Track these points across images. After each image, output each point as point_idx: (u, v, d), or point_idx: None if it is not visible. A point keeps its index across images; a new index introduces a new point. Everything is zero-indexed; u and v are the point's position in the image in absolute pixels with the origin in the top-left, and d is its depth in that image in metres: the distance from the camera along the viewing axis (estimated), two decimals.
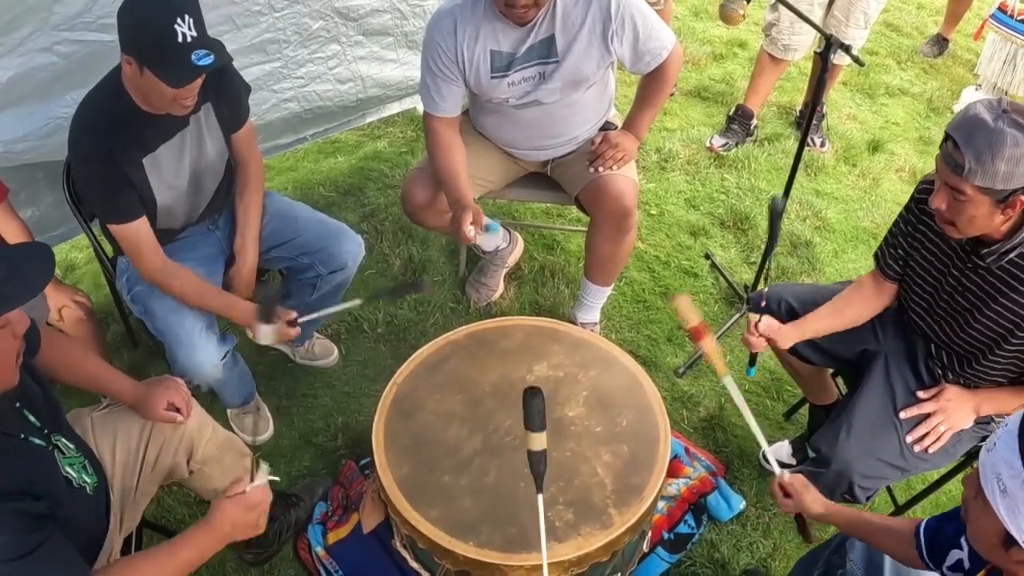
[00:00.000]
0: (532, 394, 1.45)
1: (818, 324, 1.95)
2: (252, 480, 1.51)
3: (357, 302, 2.06)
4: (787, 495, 1.70)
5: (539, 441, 1.44)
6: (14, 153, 2.11)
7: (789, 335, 1.95)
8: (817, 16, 3.27)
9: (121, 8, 1.71)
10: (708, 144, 3.72)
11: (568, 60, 2.21)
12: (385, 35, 2.85)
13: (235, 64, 2.32)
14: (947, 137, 1.52)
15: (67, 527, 1.38)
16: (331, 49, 2.75)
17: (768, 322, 1.94)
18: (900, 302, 2.00)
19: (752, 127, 3.78)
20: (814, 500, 1.66)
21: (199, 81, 1.80)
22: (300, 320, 2.06)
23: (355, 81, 2.90)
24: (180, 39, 1.67)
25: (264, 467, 1.54)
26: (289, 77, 2.69)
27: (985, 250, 1.63)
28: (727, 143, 3.70)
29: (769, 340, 1.95)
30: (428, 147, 2.37)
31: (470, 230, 2.15)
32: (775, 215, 1.85)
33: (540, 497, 1.45)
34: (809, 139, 3.52)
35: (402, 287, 2.15)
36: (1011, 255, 1.61)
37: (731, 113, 3.77)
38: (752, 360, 2.09)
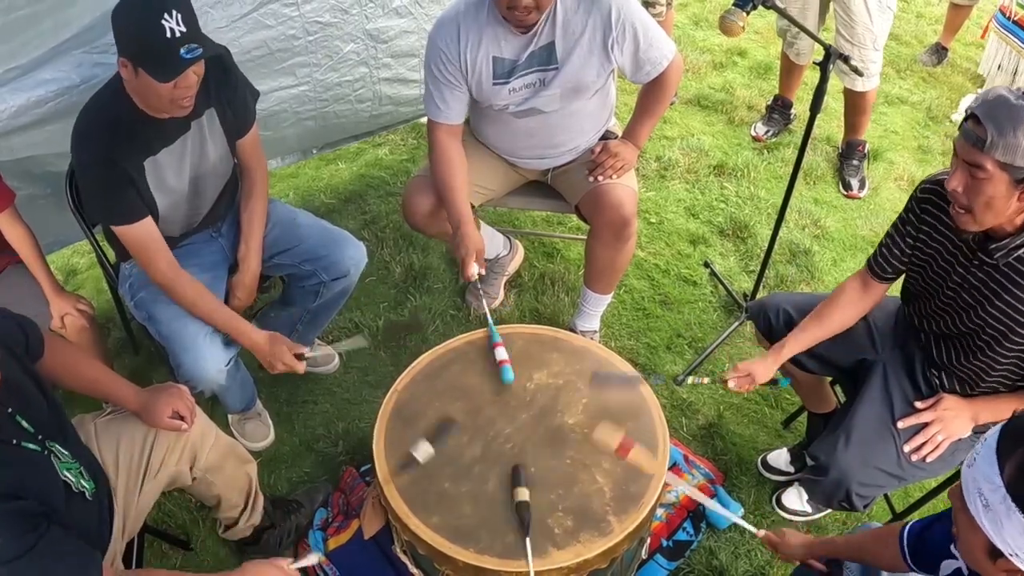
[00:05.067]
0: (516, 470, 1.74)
1: (801, 341, 1.97)
2: (296, 559, 1.61)
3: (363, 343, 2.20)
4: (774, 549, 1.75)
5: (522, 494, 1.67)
6: (21, 159, 2.12)
7: (765, 370, 1.97)
8: (811, 21, 3.28)
9: (112, 11, 1.74)
10: (753, 133, 3.88)
11: (568, 67, 2.23)
12: (411, 56, 2.87)
13: (264, 88, 2.34)
14: (968, 116, 1.53)
15: (67, 531, 1.39)
16: (359, 72, 2.76)
17: (744, 367, 1.96)
18: (901, 305, 2.01)
19: (791, 115, 3.90)
20: (794, 547, 1.72)
21: (194, 78, 1.81)
22: (307, 355, 2.12)
23: (373, 100, 2.91)
24: (168, 35, 1.69)
25: (315, 556, 1.67)
26: (315, 100, 2.70)
27: (993, 245, 1.63)
28: (769, 131, 3.86)
29: (750, 381, 1.97)
30: (431, 159, 2.39)
31: (474, 271, 2.21)
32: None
33: (528, 540, 1.60)
34: (846, 180, 3.57)
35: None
36: (1020, 251, 1.61)
37: (770, 103, 3.90)
38: (771, 382, 2.07)
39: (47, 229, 2.32)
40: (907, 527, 1.48)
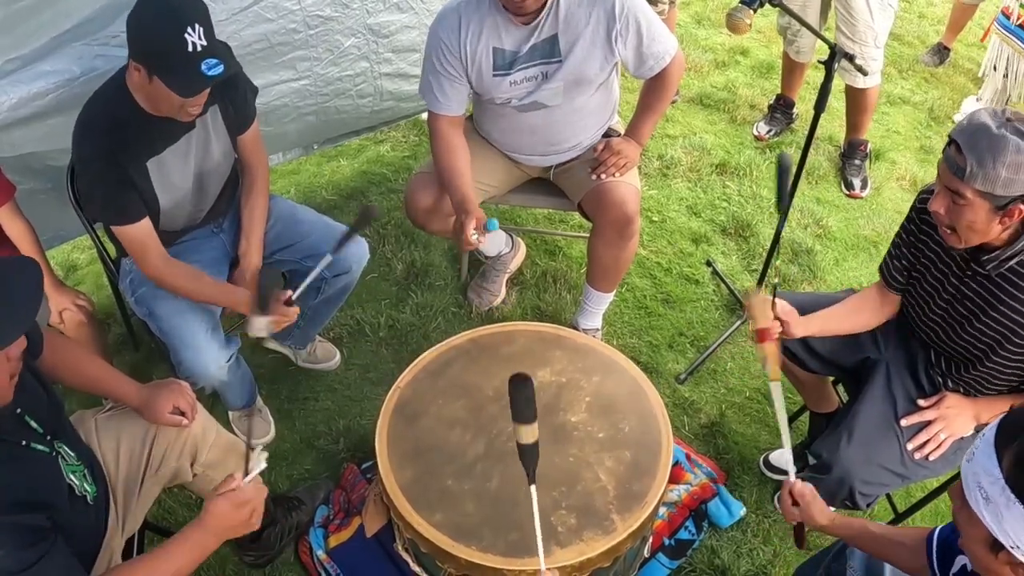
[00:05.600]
0: (520, 383, 1.28)
1: (830, 323, 1.94)
2: (246, 474, 1.51)
3: (327, 258, 2.05)
4: (795, 503, 1.68)
5: (530, 433, 1.34)
6: (22, 154, 2.11)
7: (801, 325, 1.92)
8: (811, 18, 3.28)
9: (130, 16, 1.72)
10: (755, 132, 3.86)
11: (571, 60, 2.22)
12: (412, 51, 2.86)
13: (264, 82, 2.34)
14: (950, 141, 1.54)
15: (65, 534, 1.38)
16: (360, 67, 2.74)
17: (783, 304, 1.90)
18: (901, 309, 2.01)
19: (793, 115, 3.90)
20: (821, 511, 1.65)
21: (207, 90, 1.80)
22: (295, 296, 2.05)
23: (374, 96, 2.90)
24: (190, 49, 1.68)
25: (260, 456, 1.53)
26: (316, 95, 2.69)
27: (985, 257, 1.64)
28: (771, 130, 3.85)
29: (783, 325, 1.89)
30: (432, 147, 2.38)
31: (473, 235, 2.17)
32: (782, 170, 1.83)
33: (533, 488, 1.41)
34: (848, 180, 3.57)
35: (358, 223, 2.04)
36: (1011, 262, 1.62)
37: (772, 103, 3.89)
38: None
39: (47, 224, 2.31)
40: (935, 535, 1.46)
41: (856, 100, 3.44)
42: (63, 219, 2.24)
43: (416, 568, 1.89)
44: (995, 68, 3.97)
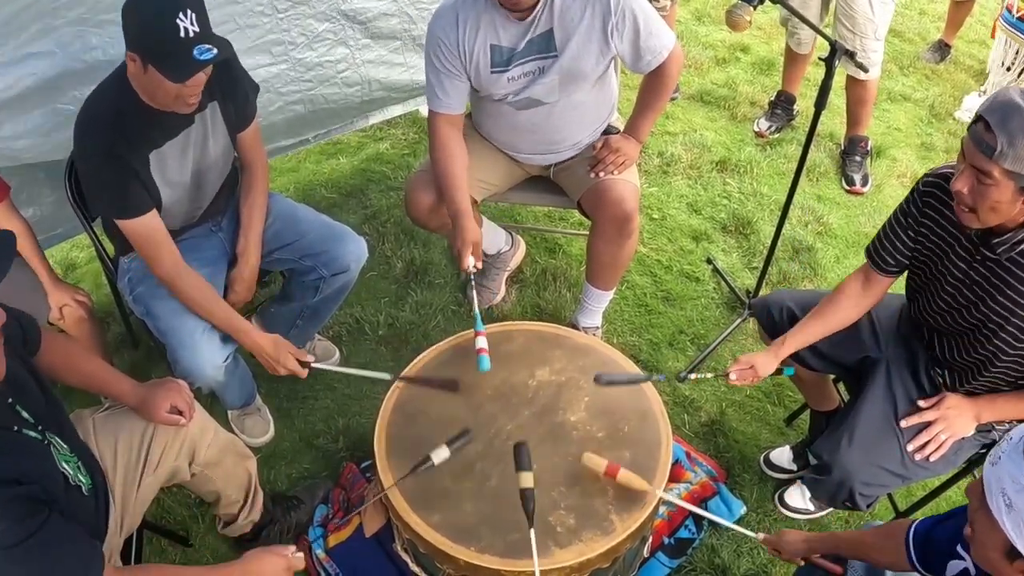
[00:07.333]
0: (519, 447, 1.69)
1: (802, 337, 1.94)
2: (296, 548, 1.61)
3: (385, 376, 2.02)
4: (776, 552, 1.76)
5: (527, 479, 1.63)
6: (15, 151, 2.10)
7: (767, 363, 1.93)
8: (812, 12, 3.27)
9: (125, 6, 1.73)
10: (756, 128, 3.86)
11: (567, 54, 2.21)
12: (393, 39, 2.85)
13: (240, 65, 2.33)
14: (978, 118, 1.50)
15: (69, 519, 1.38)
16: (339, 52, 2.73)
17: (738, 369, 1.92)
18: (905, 303, 1.99)
19: (794, 111, 3.88)
20: (795, 545, 1.71)
21: (203, 77, 1.80)
22: (313, 365, 2.10)
23: (362, 85, 2.89)
24: (182, 34, 1.69)
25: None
26: (297, 80, 2.67)
27: (996, 240, 1.62)
28: (772, 126, 3.84)
29: (752, 377, 1.93)
30: (431, 149, 2.37)
31: (470, 263, 2.18)
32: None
33: (532, 531, 1.56)
34: (849, 176, 3.56)
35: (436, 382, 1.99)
36: (1022, 246, 1.60)
37: (773, 99, 3.88)
38: (776, 372, 2.03)
39: (45, 223, 2.31)
40: (913, 527, 1.46)
41: (856, 92, 3.44)
42: (61, 217, 2.23)
43: (415, 568, 1.89)
44: (1002, 63, 3.95)
